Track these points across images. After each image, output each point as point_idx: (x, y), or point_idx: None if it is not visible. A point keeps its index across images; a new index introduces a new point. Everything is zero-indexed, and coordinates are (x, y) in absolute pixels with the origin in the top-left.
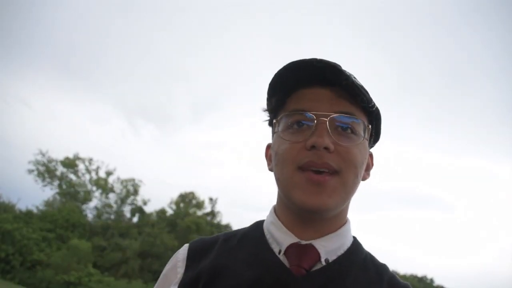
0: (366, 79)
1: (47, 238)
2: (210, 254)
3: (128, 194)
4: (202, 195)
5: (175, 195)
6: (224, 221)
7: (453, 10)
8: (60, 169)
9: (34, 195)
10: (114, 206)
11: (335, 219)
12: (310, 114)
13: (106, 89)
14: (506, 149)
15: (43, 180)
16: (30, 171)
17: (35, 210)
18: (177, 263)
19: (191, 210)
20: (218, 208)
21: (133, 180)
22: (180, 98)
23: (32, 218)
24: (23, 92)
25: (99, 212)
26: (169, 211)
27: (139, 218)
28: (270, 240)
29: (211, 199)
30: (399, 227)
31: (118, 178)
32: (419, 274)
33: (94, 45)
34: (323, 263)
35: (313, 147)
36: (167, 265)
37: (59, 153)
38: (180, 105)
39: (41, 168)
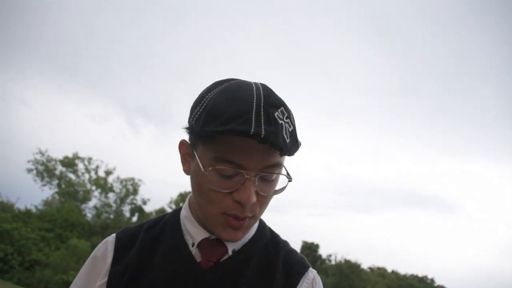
0: (368, 79)
1: (46, 237)
2: (134, 246)
3: (127, 194)
4: None
5: (174, 195)
6: None
7: (453, 11)
8: (59, 169)
9: (33, 195)
10: (114, 205)
11: None
12: (241, 172)
13: (106, 88)
14: (506, 149)
15: (42, 179)
16: (29, 170)
17: (34, 210)
18: (107, 252)
19: None
20: None
21: (133, 179)
22: (179, 97)
23: (31, 218)
24: (22, 91)
25: (98, 212)
26: (169, 211)
27: (139, 218)
28: (184, 232)
29: None
30: (400, 227)
31: (118, 178)
32: (420, 274)
33: (94, 44)
34: (230, 253)
35: (239, 202)
36: (98, 248)
37: (58, 152)
38: (180, 104)
39: (40, 168)
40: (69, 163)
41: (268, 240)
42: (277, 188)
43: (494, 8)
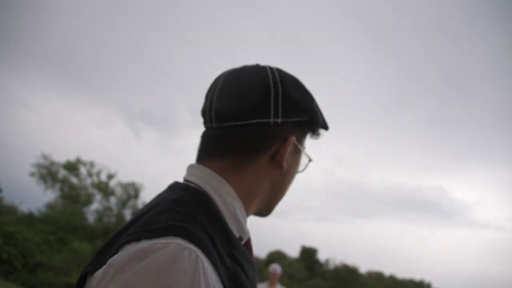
0: (367, 85)
1: (48, 240)
2: (221, 256)
3: (128, 198)
4: None
5: None
6: None
7: (449, 19)
8: (62, 172)
9: (36, 198)
10: (115, 209)
11: None
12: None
13: (107, 93)
14: (503, 154)
15: (45, 183)
16: (32, 174)
17: (36, 213)
18: (207, 271)
19: None
20: None
21: (134, 183)
22: (180, 102)
23: (34, 221)
24: (25, 94)
25: (100, 215)
26: None
27: None
28: (230, 222)
29: None
30: (397, 232)
31: (119, 182)
32: (417, 278)
33: (96, 48)
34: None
35: None
36: (194, 269)
37: (61, 156)
38: (180, 109)
39: (43, 171)
40: (72, 167)
41: None
42: None
43: (489, 17)
